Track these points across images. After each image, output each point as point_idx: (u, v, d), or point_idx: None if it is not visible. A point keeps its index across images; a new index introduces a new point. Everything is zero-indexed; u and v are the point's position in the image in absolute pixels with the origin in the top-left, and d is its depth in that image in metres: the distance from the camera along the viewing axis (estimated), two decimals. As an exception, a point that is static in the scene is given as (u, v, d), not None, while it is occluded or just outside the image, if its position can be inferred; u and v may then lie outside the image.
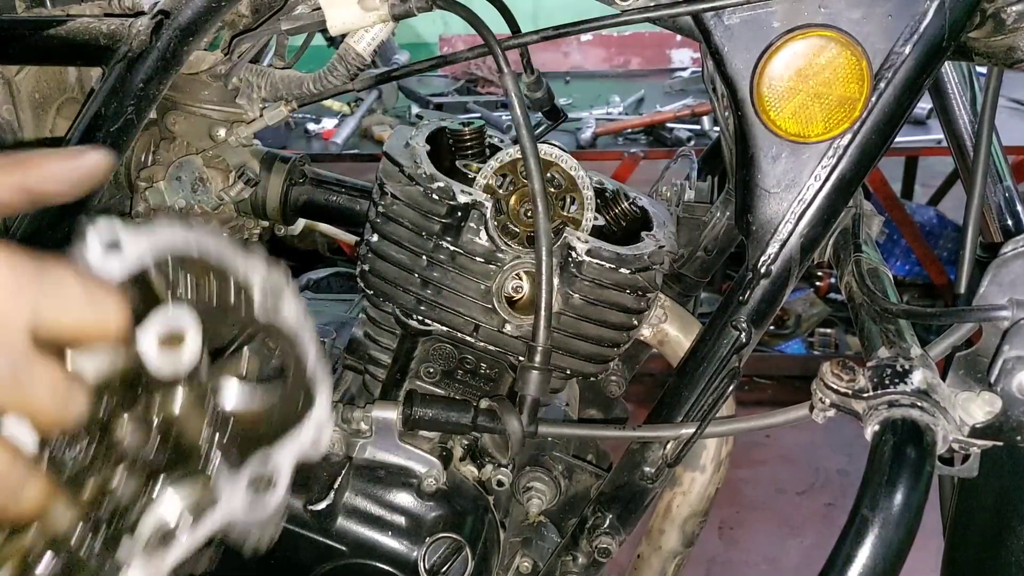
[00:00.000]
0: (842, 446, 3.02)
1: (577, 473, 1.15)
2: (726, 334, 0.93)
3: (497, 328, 0.98)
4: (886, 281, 0.94)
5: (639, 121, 3.42)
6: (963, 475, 0.81)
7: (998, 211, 1.15)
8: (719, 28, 0.85)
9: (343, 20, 0.97)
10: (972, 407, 0.75)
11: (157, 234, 0.53)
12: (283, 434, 0.59)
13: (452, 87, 3.91)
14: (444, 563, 1.00)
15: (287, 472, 0.58)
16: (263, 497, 0.58)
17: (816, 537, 2.68)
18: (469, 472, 1.08)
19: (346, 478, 1.01)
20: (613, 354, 1.03)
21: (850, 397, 0.76)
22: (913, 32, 0.82)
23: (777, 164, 0.87)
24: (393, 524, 1.00)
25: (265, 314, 0.57)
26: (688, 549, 1.16)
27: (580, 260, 0.96)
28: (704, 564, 2.58)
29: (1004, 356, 0.78)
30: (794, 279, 0.91)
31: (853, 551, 0.68)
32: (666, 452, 1.00)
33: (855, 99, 0.83)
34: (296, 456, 0.59)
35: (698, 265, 1.26)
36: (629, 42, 4.56)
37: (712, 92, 1.08)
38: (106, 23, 1.02)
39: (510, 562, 1.11)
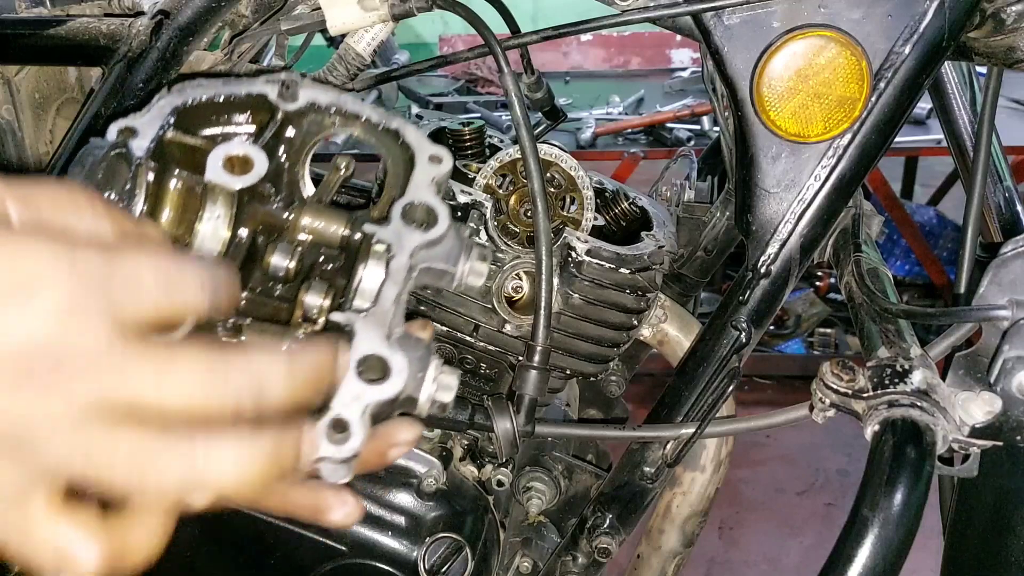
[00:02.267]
0: (842, 446, 3.02)
1: (577, 473, 1.15)
2: (726, 334, 0.93)
3: (497, 328, 0.98)
4: (886, 281, 0.94)
5: (639, 121, 3.42)
6: (963, 475, 0.81)
7: (998, 211, 1.15)
8: (719, 28, 0.85)
9: (343, 20, 0.97)
10: (972, 407, 0.75)
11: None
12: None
13: (452, 87, 3.91)
14: (444, 563, 1.00)
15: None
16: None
17: (816, 537, 2.68)
18: (469, 472, 1.08)
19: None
20: (613, 354, 1.03)
21: (850, 397, 0.76)
22: (913, 32, 0.82)
23: (777, 164, 0.87)
24: (393, 524, 1.00)
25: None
26: (688, 549, 1.16)
27: (580, 260, 0.96)
28: (704, 564, 2.58)
29: (1004, 356, 0.78)
30: (794, 279, 0.92)
31: (853, 551, 0.68)
32: (666, 452, 1.00)
33: (855, 99, 0.83)
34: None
35: (698, 265, 1.26)
36: (629, 42, 4.56)
37: (712, 92, 1.08)
38: (106, 23, 1.02)
39: (510, 562, 1.11)
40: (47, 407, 0.41)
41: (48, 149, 1.15)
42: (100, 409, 0.42)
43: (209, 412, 0.44)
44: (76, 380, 0.41)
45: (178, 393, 0.43)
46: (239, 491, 0.46)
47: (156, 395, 0.43)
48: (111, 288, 0.43)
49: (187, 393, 0.44)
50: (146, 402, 0.43)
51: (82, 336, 0.42)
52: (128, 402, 0.42)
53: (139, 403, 0.43)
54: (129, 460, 0.42)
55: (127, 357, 0.42)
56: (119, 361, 0.42)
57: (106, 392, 0.42)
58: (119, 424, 0.42)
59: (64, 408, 0.41)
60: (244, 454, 0.45)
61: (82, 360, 0.42)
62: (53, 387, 0.41)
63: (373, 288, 0.57)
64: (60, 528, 0.43)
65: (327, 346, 0.51)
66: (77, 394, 0.41)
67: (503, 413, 0.92)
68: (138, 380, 0.43)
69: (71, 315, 0.41)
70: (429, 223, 0.60)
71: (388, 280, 0.57)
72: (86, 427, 0.42)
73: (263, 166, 0.59)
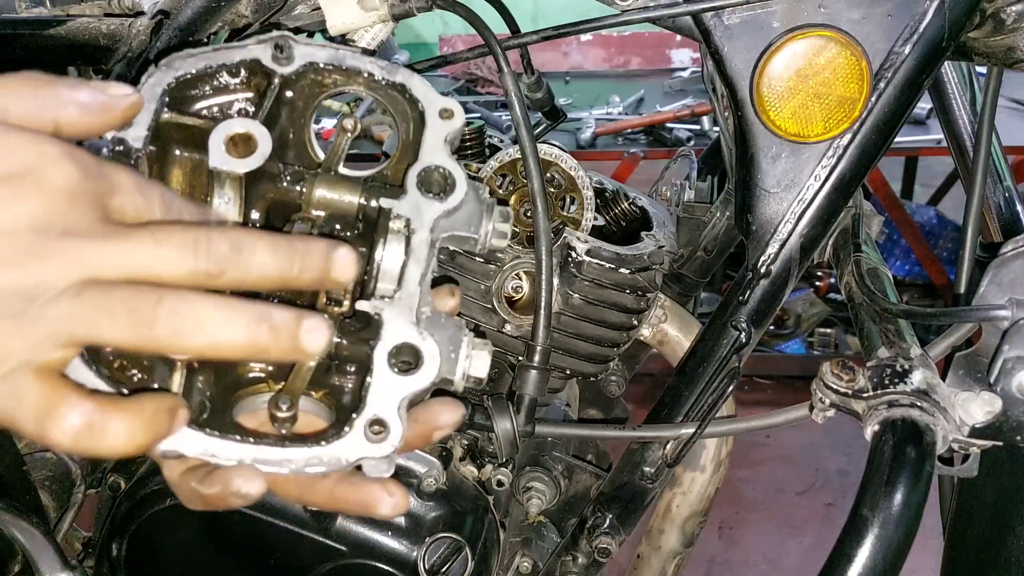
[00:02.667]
0: (842, 446, 3.02)
1: (577, 473, 1.15)
2: (726, 334, 0.93)
3: (497, 328, 0.98)
4: (886, 281, 0.94)
5: (639, 121, 3.42)
6: (963, 475, 0.80)
7: (998, 211, 1.15)
8: (719, 28, 0.85)
9: (343, 20, 0.97)
10: (972, 407, 0.75)
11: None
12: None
13: (452, 87, 3.92)
14: (444, 563, 1.00)
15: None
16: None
17: (816, 537, 2.68)
18: (469, 472, 1.08)
19: (346, 478, 1.01)
20: (613, 354, 1.03)
21: (850, 397, 0.76)
22: (913, 32, 0.82)
23: (777, 164, 0.87)
24: (393, 524, 1.00)
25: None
26: (688, 549, 1.16)
27: (580, 260, 0.96)
28: (704, 564, 2.58)
29: (1004, 356, 0.78)
30: (794, 279, 0.92)
31: (853, 551, 0.68)
32: (666, 452, 1.00)
33: (855, 99, 0.83)
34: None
35: (698, 265, 1.26)
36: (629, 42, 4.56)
37: (712, 92, 1.08)
38: (106, 23, 1.02)
39: (510, 562, 1.11)
40: (50, 276, 0.45)
41: (48, 149, 1.15)
42: (98, 277, 0.46)
43: (197, 278, 0.49)
44: (75, 251, 0.46)
45: (168, 257, 0.48)
46: (227, 349, 0.50)
47: (148, 263, 0.47)
48: (103, 179, 0.48)
49: (176, 256, 0.48)
50: (139, 270, 0.47)
51: (82, 216, 0.46)
52: (123, 271, 0.47)
53: (132, 272, 0.47)
54: (127, 313, 0.47)
55: (121, 230, 0.48)
56: (113, 233, 0.47)
57: (103, 262, 0.46)
58: (114, 287, 0.47)
59: (65, 276, 0.46)
60: (233, 315, 0.49)
61: (82, 236, 0.46)
62: (55, 258, 0.45)
63: (395, 269, 0.56)
64: (50, 394, 0.47)
65: (319, 239, 0.54)
66: (76, 263, 0.46)
67: (503, 413, 0.92)
68: (132, 250, 0.47)
69: (73, 197, 0.46)
70: (447, 189, 0.58)
71: (410, 259, 0.56)
72: (85, 290, 0.46)
73: (267, 145, 0.57)
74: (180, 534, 1.02)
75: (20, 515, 0.98)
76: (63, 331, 0.46)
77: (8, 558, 1.05)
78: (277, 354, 0.51)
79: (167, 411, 0.51)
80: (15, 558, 1.05)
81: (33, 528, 0.98)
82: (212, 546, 1.03)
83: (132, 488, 1.05)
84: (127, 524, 1.03)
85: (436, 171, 0.58)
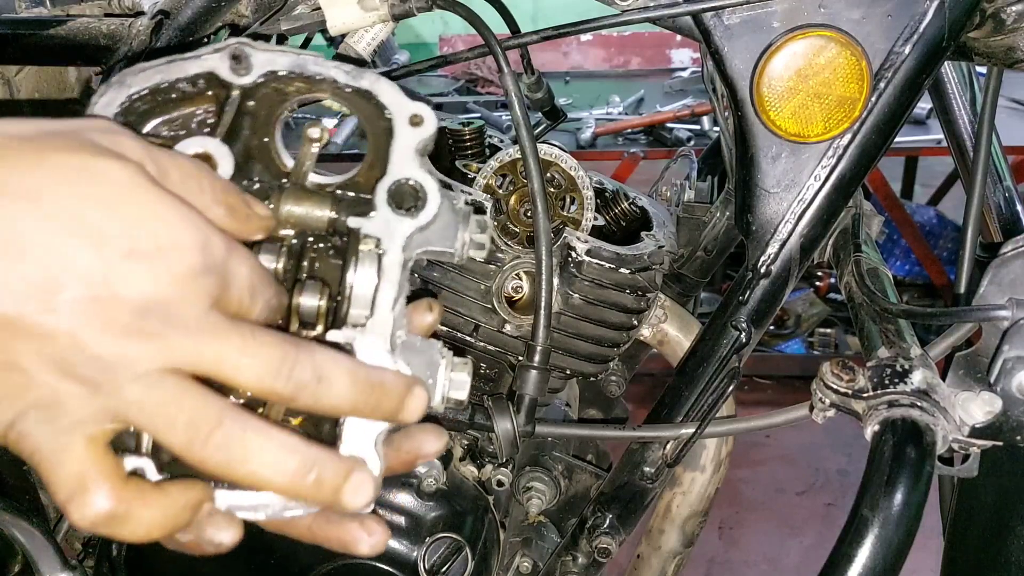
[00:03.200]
0: (842, 446, 3.02)
1: (577, 473, 1.15)
2: (726, 334, 0.93)
3: (497, 328, 0.98)
4: (886, 281, 0.94)
5: (639, 121, 3.42)
6: (963, 475, 0.81)
7: (998, 211, 1.15)
8: (719, 28, 0.85)
9: (343, 20, 0.97)
10: (972, 407, 0.75)
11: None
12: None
13: (452, 87, 3.91)
14: (444, 563, 1.00)
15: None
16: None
17: (816, 537, 2.68)
18: (469, 472, 1.08)
19: (346, 478, 1.01)
20: (613, 354, 1.03)
21: (850, 397, 0.76)
22: (913, 32, 0.82)
23: (777, 164, 0.87)
24: (393, 524, 1.00)
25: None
26: (688, 549, 1.16)
27: (580, 260, 0.96)
28: (704, 564, 2.58)
29: (1004, 356, 0.78)
30: (794, 279, 0.92)
31: (853, 551, 0.68)
32: (666, 452, 1.00)
33: (855, 99, 0.83)
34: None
35: (698, 265, 1.26)
36: (629, 42, 4.56)
37: (712, 92, 1.08)
38: (106, 23, 1.02)
39: (510, 562, 1.11)
40: (140, 355, 0.46)
41: (48, 149, 1.15)
42: (181, 370, 0.47)
43: (269, 395, 0.49)
44: (173, 339, 0.46)
45: (252, 368, 0.48)
46: (269, 485, 0.49)
47: (233, 365, 0.47)
48: (224, 273, 0.49)
49: (260, 370, 0.48)
50: (220, 371, 0.48)
51: (191, 305, 0.47)
52: (207, 368, 0.47)
53: (213, 371, 0.47)
54: (186, 425, 0.47)
55: (220, 328, 0.47)
56: (212, 329, 0.47)
57: (193, 354, 0.47)
58: (189, 390, 0.47)
59: (153, 360, 0.46)
60: (284, 458, 0.49)
61: (183, 324, 0.46)
62: (152, 340, 0.46)
63: (367, 294, 0.53)
64: (90, 467, 0.47)
65: (402, 377, 0.53)
66: (169, 351, 0.46)
67: (503, 413, 0.92)
68: (223, 348, 0.47)
69: (189, 284, 0.47)
70: (418, 204, 0.55)
71: (383, 281, 0.53)
72: (163, 382, 0.46)
73: (228, 165, 0.54)
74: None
75: (20, 515, 0.98)
76: (126, 414, 0.47)
77: (8, 558, 1.05)
78: (311, 500, 0.51)
79: (193, 507, 0.51)
80: (15, 558, 1.05)
81: (33, 528, 0.99)
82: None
83: (132, 488, 1.05)
84: (127, 524, 1.03)
85: (406, 184, 0.56)
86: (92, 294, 0.45)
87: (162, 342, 0.46)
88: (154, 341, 0.46)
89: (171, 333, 0.46)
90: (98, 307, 0.45)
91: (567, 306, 0.97)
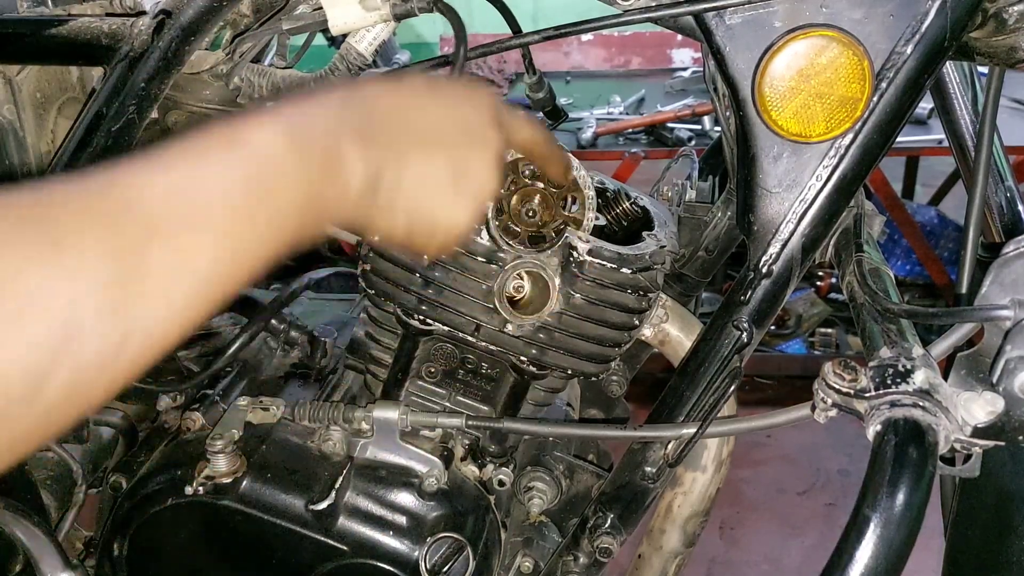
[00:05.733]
0: (843, 446, 3.02)
1: (578, 473, 1.15)
2: (727, 334, 0.93)
3: (498, 328, 0.98)
4: (887, 281, 0.94)
5: (640, 121, 3.42)
6: (965, 475, 0.80)
7: (999, 211, 1.15)
8: (721, 28, 0.85)
9: (345, 20, 0.97)
10: (974, 407, 0.75)
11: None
12: None
13: (453, 87, 3.91)
14: (445, 563, 1.00)
15: None
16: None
17: (817, 537, 2.68)
18: (470, 472, 1.08)
19: (347, 478, 1.01)
20: (614, 354, 1.03)
21: (852, 397, 0.76)
22: (915, 32, 0.82)
23: (779, 164, 0.87)
24: (394, 524, 1.00)
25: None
26: (689, 549, 1.16)
27: (581, 260, 0.96)
28: (705, 564, 2.58)
29: (1006, 356, 0.78)
30: (795, 279, 0.91)
31: (855, 551, 0.68)
32: (667, 452, 1.00)
33: (857, 99, 0.83)
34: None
35: (699, 265, 1.26)
36: (630, 42, 4.56)
37: (713, 92, 1.08)
38: (107, 23, 1.02)
39: (511, 562, 1.11)
40: (484, 153, 0.72)
41: (50, 149, 1.15)
42: (501, 155, 0.73)
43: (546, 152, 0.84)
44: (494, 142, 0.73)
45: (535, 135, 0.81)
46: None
47: (529, 135, 0.80)
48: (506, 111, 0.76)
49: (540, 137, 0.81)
50: (522, 141, 0.80)
51: (493, 124, 0.73)
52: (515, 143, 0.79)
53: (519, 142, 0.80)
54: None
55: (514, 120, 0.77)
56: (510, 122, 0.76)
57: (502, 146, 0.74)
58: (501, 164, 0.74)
59: (489, 156, 0.72)
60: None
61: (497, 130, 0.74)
62: (486, 144, 0.72)
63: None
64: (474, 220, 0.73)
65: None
66: (494, 148, 0.73)
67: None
68: (520, 127, 0.78)
69: (498, 113, 0.74)
70: None
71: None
72: (495, 166, 0.73)
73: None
74: (181, 534, 1.02)
75: (22, 515, 0.98)
76: (486, 189, 0.72)
77: (10, 557, 1.05)
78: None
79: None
80: (17, 558, 1.05)
81: (35, 528, 0.99)
82: (213, 546, 1.03)
83: (133, 488, 1.05)
84: (128, 523, 1.03)
85: None
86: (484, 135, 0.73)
87: (490, 144, 0.73)
88: (487, 145, 0.73)
89: (493, 140, 0.73)
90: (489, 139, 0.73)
91: (568, 306, 0.97)
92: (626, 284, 0.97)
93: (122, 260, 0.47)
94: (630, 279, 0.97)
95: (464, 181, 0.70)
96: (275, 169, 0.56)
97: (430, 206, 0.69)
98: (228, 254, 0.52)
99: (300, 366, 1.23)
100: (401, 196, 0.66)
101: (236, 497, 0.99)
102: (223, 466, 0.99)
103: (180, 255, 0.50)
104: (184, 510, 1.00)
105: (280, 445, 1.03)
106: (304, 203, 0.57)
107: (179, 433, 1.09)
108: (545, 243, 0.96)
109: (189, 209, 0.51)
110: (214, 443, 0.99)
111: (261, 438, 1.03)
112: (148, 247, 0.48)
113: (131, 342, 0.48)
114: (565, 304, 0.97)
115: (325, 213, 0.60)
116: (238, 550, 1.02)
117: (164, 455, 1.07)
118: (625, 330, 1.01)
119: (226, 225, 0.52)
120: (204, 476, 0.99)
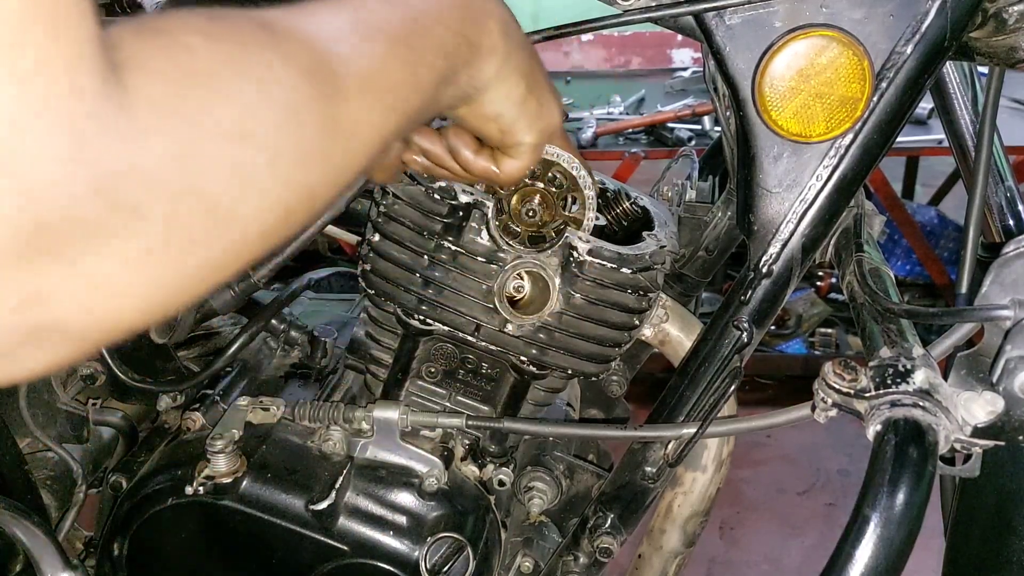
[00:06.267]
0: (843, 446, 3.02)
1: (578, 473, 1.15)
2: (728, 334, 0.93)
3: (499, 328, 0.98)
4: (888, 281, 0.94)
5: (640, 121, 3.42)
6: (965, 475, 0.81)
7: (999, 211, 1.15)
8: (720, 28, 0.85)
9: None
10: (974, 407, 0.75)
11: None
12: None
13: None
14: (445, 563, 1.00)
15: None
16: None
17: (817, 537, 2.68)
18: (470, 472, 1.08)
19: (347, 478, 1.01)
20: (614, 354, 1.03)
21: (852, 397, 0.76)
22: (915, 32, 0.82)
23: (779, 164, 0.87)
24: (394, 524, 1.00)
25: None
26: (689, 549, 1.16)
27: (581, 260, 0.96)
28: (705, 564, 2.58)
29: (1006, 356, 0.78)
30: (796, 279, 0.91)
31: (855, 551, 0.68)
32: (667, 452, 1.00)
33: (857, 99, 0.83)
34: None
35: (699, 265, 1.26)
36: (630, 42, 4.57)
37: (713, 92, 1.08)
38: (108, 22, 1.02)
39: (511, 562, 1.11)
40: (555, 100, 0.84)
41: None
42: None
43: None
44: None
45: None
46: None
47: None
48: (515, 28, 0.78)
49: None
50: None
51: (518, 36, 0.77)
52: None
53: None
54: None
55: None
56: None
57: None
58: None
59: (556, 105, 0.84)
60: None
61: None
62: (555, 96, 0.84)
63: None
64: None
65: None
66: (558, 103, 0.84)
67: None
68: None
69: (512, 27, 0.76)
70: None
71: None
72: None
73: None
74: (182, 534, 1.02)
75: (22, 514, 0.98)
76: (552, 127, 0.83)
77: (10, 558, 1.05)
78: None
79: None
80: (17, 558, 1.05)
81: (35, 527, 0.99)
82: (214, 546, 1.03)
83: (134, 488, 1.05)
84: (129, 524, 1.03)
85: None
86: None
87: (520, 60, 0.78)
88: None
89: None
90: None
91: (569, 306, 0.97)
92: (626, 284, 0.98)
93: (320, 75, 0.50)
94: (630, 279, 0.97)
95: (544, 111, 0.81)
96: (435, 14, 0.64)
97: (531, 105, 0.79)
98: (407, 83, 0.59)
99: (300, 366, 1.23)
100: (513, 88, 0.76)
101: (236, 497, 0.99)
102: (223, 466, 0.99)
103: (369, 76, 0.54)
104: (184, 510, 1.01)
105: (280, 445, 1.03)
106: (452, 50, 0.65)
107: (179, 433, 1.09)
108: (545, 243, 0.96)
109: (365, 30, 0.56)
110: (214, 443, 0.99)
111: (261, 438, 1.03)
112: (337, 70, 0.52)
113: (337, 140, 0.51)
114: (565, 304, 0.97)
115: (464, 71, 0.69)
116: (238, 550, 1.02)
117: (164, 455, 1.07)
118: (625, 330, 1.01)
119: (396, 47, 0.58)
120: (204, 476, 0.99)
